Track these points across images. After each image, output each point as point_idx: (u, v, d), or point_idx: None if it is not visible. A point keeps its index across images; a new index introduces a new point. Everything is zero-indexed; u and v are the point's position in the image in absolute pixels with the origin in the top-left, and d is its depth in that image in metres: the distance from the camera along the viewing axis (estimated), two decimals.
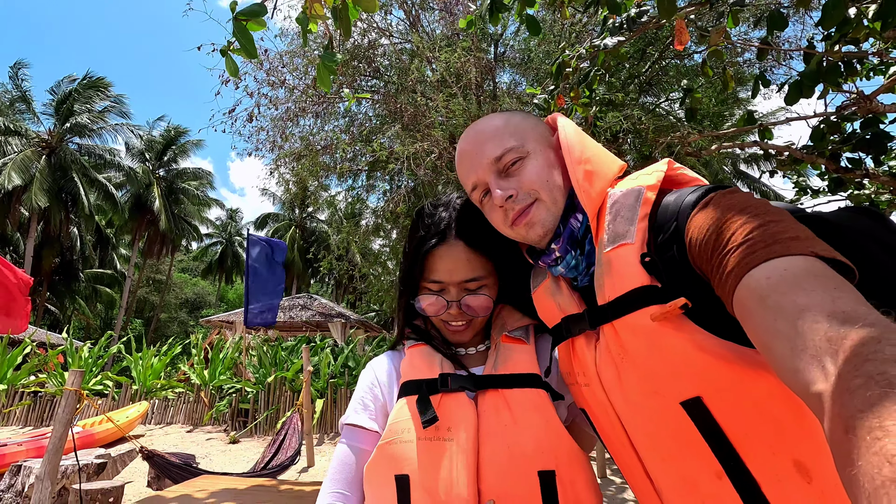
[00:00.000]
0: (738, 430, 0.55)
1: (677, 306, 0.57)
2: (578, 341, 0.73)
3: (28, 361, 9.48)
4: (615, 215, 0.68)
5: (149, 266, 33.54)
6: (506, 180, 0.75)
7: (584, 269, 0.75)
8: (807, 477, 0.52)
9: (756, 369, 0.54)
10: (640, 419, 0.64)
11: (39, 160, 21.80)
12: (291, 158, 9.67)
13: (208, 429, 8.23)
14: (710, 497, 0.58)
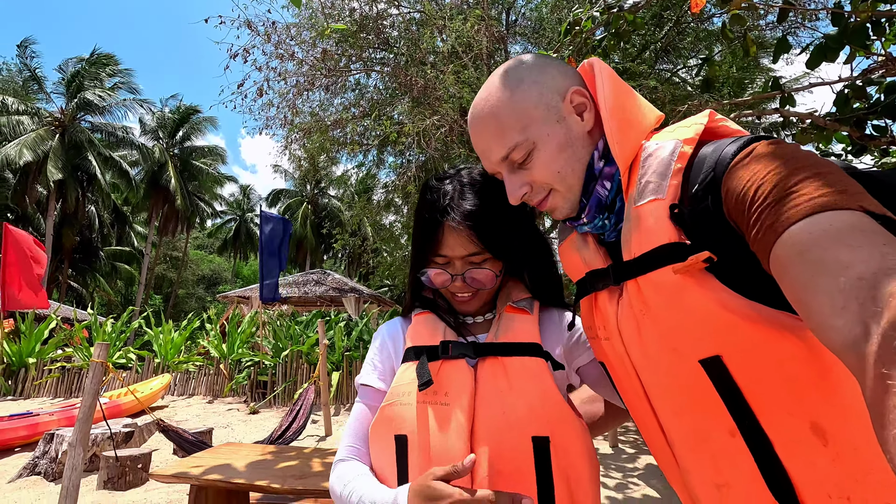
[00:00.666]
0: (756, 390, 0.55)
1: (700, 260, 0.55)
2: (601, 296, 0.73)
3: (54, 336, 9.79)
4: (648, 169, 0.65)
5: (165, 243, 34.07)
6: (518, 174, 0.74)
7: (611, 226, 0.74)
8: (823, 439, 0.51)
9: (780, 330, 0.52)
10: (657, 374, 0.64)
11: (53, 139, 21.99)
12: (302, 134, 9.62)
13: (228, 400, 8.49)
14: (721, 452, 0.58)
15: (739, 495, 0.58)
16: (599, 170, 0.72)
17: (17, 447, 5.22)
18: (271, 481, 1.97)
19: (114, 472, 4.03)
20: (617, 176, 0.72)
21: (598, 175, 0.72)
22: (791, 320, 0.52)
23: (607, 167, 0.72)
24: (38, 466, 4.33)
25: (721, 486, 0.59)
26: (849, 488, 0.50)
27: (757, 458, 0.55)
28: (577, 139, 0.73)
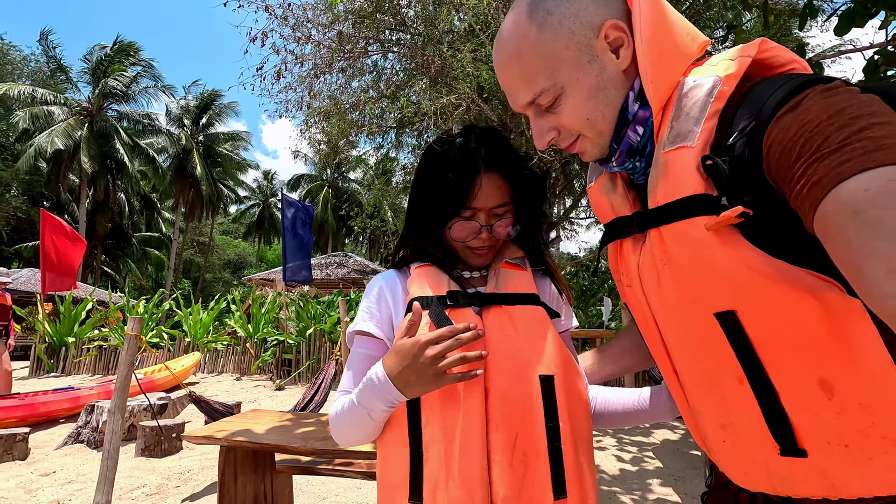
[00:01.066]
0: (768, 345, 0.55)
1: (734, 214, 0.52)
2: (626, 243, 0.72)
3: (91, 317, 10.25)
4: (681, 111, 0.61)
5: (192, 229, 34.94)
6: (545, 118, 0.71)
7: (641, 169, 0.71)
8: (829, 393, 0.52)
9: (799, 290, 0.51)
10: (673, 323, 0.65)
11: (82, 127, 22.62)
12: (320, 118, 9.69)
13: (256, 377, 8.79)
14: (729, 397, 0.60)
15: (742, 435, 0.60)
16: (633, 113, 0.67)
17: (61, 418, 5.55)
18: (291, 442, 2.09)
19: (150, 441, 4.27)
20: (650, 120, 0.67)
21: (631, 119, 0.68)
22: (812, 280, 0.51)
23: (642, 110, 0.67)
24: (81, 435, 4.61)
25: (726, 426, 0.62)
26: (848, 437, 0.52)
27: (762, 404, 0.56)
28: (610, 81, 0.67)
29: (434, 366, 0.72)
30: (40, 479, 3.71)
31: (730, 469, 0.66)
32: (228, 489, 2.35)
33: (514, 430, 0.76)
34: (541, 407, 0.78)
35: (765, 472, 0.60)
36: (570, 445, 0.79)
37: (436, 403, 0.78)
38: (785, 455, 0.56)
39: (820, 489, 0.56)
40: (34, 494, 3.40)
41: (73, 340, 9.49)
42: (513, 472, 0.74)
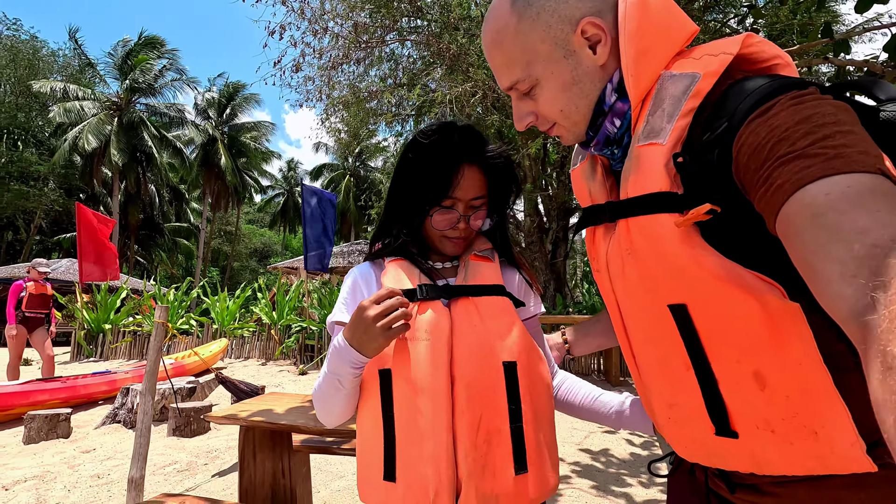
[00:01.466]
0: (712, 338, 0.60)
1: (703, 212, 0.55)
2: (599, 230, 0.76)
3: (125, 305, 10.73)
4: (657, 106, 0.63)
5: (219, 218, 35.85)
6: (525, 102, 0.75)
7: (619, 157, 0.74)
8: (761, 385, 0.58)
9: (745, 292, 0.55)
10: (633, 308, 0.70)
11: (112, 122, 23.34)
12: (340, 108, 9.80)
13: (280, 362, 9.10)
14: (677, 380, 0.66)
15: (685, 414, 0.67)
16: (610, 105, 0.70)
17: (100, 400, 5.90)
18: (307, 423, 2.22)
19: (181, 422, 4.52)
20: (628, 114, 0.69)
21: (607, 111, 0.70)
22: (757, 282, 0.55)
23: (620, 102, 0.69)
24: (118, 416, 4.91)
25: (672, 406, 0.69)
26: (774, 424, 0.58)
27: (703, 390, 0.63)
28: (585, 75, 0.69)
29: (377, 322, 0.79)
30: (82, 456, 3.99)
31: (674, 442, 0.73)
32: (248, 466, 2.52)
33: (479, 413, 0.82)
34: (503, 390, 0.84)
35: (702, 447, 0.67)
36: (531, 425, 0.86)
37: (406, 390, 0.85)
38: (719, 435, 0.63)
39: (748, 465, 0.62)
40: (76, 469, 3.67)
41: (110, 327, 9.97)
42: (476, 451, 0.81)
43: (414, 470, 0.82)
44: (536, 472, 0.85)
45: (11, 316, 6.26)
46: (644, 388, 0.76)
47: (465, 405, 0.82)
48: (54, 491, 3.26)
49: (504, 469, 0.82)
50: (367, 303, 0.81)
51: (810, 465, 0.57)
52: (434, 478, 0.80)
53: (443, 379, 0.83)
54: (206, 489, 3.29)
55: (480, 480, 0.80)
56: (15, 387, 5.17)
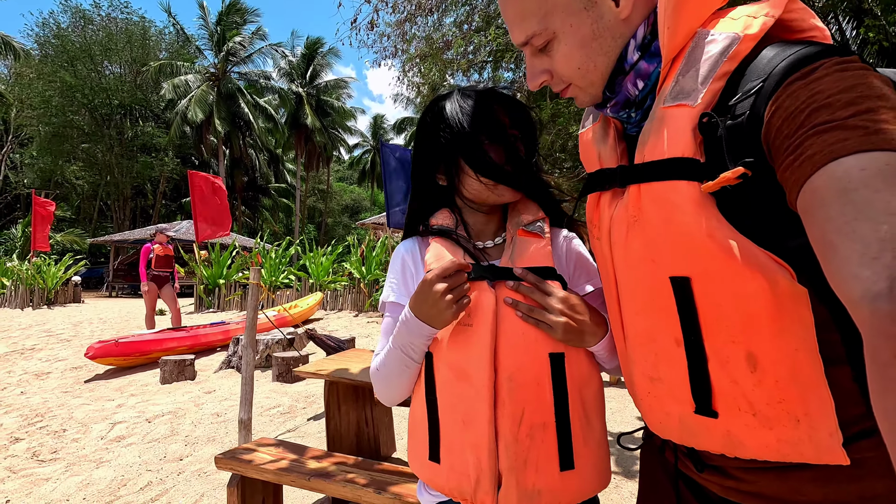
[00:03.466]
0: (711, 314, 0.58)
1: (734, 176, 0.51)
2: (605, 196, 0.72)
3: (235, 261, 11.93)
4: (690, 66, 0.58)
5: (312, 177, 37.98)
6: (539, 59, 0.70)
7: (636, 121, 0.69)
8: (752, 367, 0.56)
9: (753, 270, 0.53)
10: (630, 279, 0.67)
11: (213, 91, 25.20)
12: (417, 62, 9.67)
13: (371, 314, 9.69)
14: (663, 355, 0.64)
15: (665, 390, 0.65)
16: (631, 63, 0.65)
17: (217, 347, 6.73)
18: None
19: (283, 369, 5.04)
20: (654, 74, 0.64)
21: (628, 69, 0.65)
22: (768, 261, 0.53)
23: (644, 62, 0.64)
24: (231, 362, 5.58)
25: (654, 380, 0.67)
26: (758, 407, 0.56)
27: (691, 366, 0.61)
28: (606, 29, 0.64)
29: (445, 296, 0.78)
30: (205, 396, 4.63)
31: (649, 417, 0.71)
32: (333, 416, 2.74)
33: (521, 406, 0.78)
34: (549, 383, 0.80)
35: (677, 425, 0.65)
36: (579, 420, 0.81)
37: (448, 375, 0.83)
38: (698, 413, 0.61)
39: (720, 446, 0.61)
40: (201, 407, 4.27)
41: (224, 282, 11.20)
42: (518, 446, 0.78)
43: (457, 455, 0.82)
44: (583, 469, 0.81)
45: (143, 275, 7.25)
46: (627, 360, 0.73)
47: (507, 397, 0.79)
48: (184, 425, 3.83)
49: (548, 464, 0.79)
50: (434, 276, 0.79)
51: (784, 451, 0.56)
52: (475, 465, 0.79)
53: (485, 368, 0.79)
54: (304, 431, 3.67)
55: (521, 474, 0.78)
56: (151, 335, 6.06)
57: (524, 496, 0.78)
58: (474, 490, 0.80)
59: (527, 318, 0.81)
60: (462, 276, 0.80)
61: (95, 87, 24.69)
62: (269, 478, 1.92)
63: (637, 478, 2.75)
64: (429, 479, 0.87)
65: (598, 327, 0.82)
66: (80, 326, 8.75)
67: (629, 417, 3.91)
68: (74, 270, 12.78)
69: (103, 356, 5.35)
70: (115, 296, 19.29)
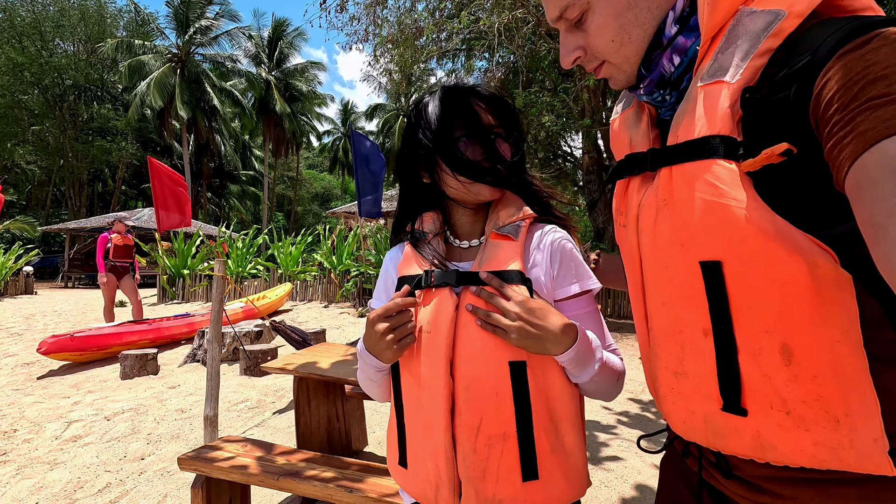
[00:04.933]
0: (744, 301, 0.54)
1: (777, 152, 0.49)
2: (634, 181, 0.69)
3: (200, 251, 11.57)
4: (730, 43, 0.55)
5: (280, 165, 37.08)
6: (573, 35, 0.68)
7: (671, 103, 0.66)
8: (787, 359, 0.52)
9: (791, 252, 0.49)
10: (657, 265, 0.64)
11: (175, 75, 24.14)
12: (388, 47, 9.49)
13: (341, 305, 9.57)
14: (689, 346, 0.60)
15: (691, 385, 0.61)
16: (669, 37, 0.62)
17: (182, 340, 6.52)
18: (351, 377, 2.31)
19: (250, 363, 4.91)
20: (692, 50, 0.61)
21: (665, 43, 0.63)
22: (809, 244, 0.49)
23: (683, 37, 0.62)
24: (197, 356, 5.41)
25: (679, 375, 0.63)
26: (791, 405, 0.52)
27: (719, 359, 0.57)
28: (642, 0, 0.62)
29: (385, 337, 0.79)
30: (168, 391, 4.47)
31: (671, 416, 0.67)
32: (303, 411, 2.68)
33: (478, 416, 0.76)
34: (509, 392, 0.76)
35: (702, 424, 0.61)
36: (544, 429, 0.78)
37: (410, 382, 0.83)
38: (726, 411, 0.57)
39: (748, 449, 0.56)
40: (164, 403, 4.12)
41: (188, 272, 10.84)
42: (475, 456, 0.76)
43: (419, 462, 0.82)
44: (550, 479, 0.78)
45: (101, 265, 6.92)
46: (651, 355, 0.69)
47: (463, 406, 0.77)
48: (146, 422, 3.68)
49: (508, 475, 0.76)
50: (375, 317, 0.80)
51: (821, 456, 0.51)
52: (434, 473, 0.79)
53: (441, 377, 0.78)
54: (272, 425, 3.59)
55: (480, 484, 0.76)
56: (111, 328, 5.80)
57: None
58: (435, 497, 0.80)
59: (484, 324, 0.78)
60: (406, 315, 0.80)
61: (45, 66, 23.29)
62: (236, 478, 1.86)
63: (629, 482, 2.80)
64: (400, 483, 0.88)
65: (563, 336, 0.75)
66: (33, 319, 8.32)
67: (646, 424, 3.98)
68: (26, 260, 12.14)
69: (58, 351, 5.09)
70: (72, 287, 18.44)
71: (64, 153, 24.26)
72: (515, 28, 7.70)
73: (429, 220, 0.94)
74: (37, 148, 24.12)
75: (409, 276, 0.86)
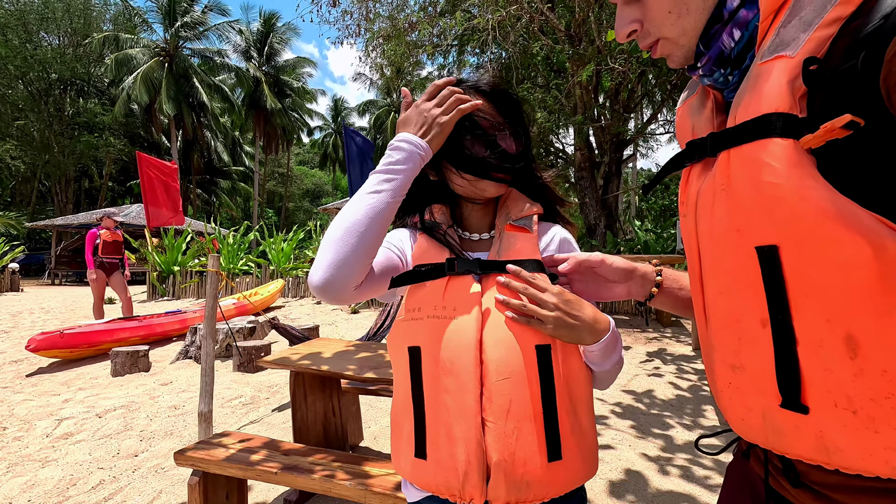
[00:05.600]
0: (803, 288, 0.50)
1: (840, 125, 0.45)
2: (695, 169, 0.66)
3: (190, 248, 11.46)
4: (794, 14, 0.51)
5: (271, 161, 36.80)
6: (630, 7, 0.66)
7: (734, 84, 0.63)
8: (852, 352, 0.47)
9: (853, 233, 0.45)
10: (714, 252, 0.61)
11: (162, 69, 23.81)
12: (380, 42, 9.44)
13: None
14: (747, 338, 0.57)
15: (748, 380, 0.58)
16: (731, 10, 0.59)
17: (173, 337, 6.47)
18: (352, 369, 2.31)
19: (244, 359, 4.89)
20: (753, 24, 0.58)
21: (726, 17, 0.59)
22: (874, 223, 0.45)
23: (745, 9, 0.58)
24: (189, 353, 5.37)
25: (736, 368, 0.59)
26: (858, 403, 0.48)
27: (777, 351, 0.53)
28: None
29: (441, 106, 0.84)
30: (160, 388, 4.43)
31: (729, 413, 0.63)
32: (300, 406, 2.68)
33: (508, 399, 0.78)
34: (536, 376, 0.80)
35: (760, 422, 0.57)
36: (566, 411, 0.81)
37: (434, 370, 0.82)
38: (785, 407, 0.53)
39: (812, 451, 0.52)
40: (157, 400, 4.09)
41: (178, 269, 10.75)
42: (506, 439, 0.78)
43: (444, 449, 0.81)
44: (571, 459, 0.81)
45: (90, 262, 6.84)
46: (709, 347, 0.66)
47: (493, 390, 0.79)
48: (139, 419, 3.66)
49: (535, 456, 0.78)
50: (421, 101, 0.84)
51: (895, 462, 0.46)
52: (464, 459, 0.79)
53: (471, 361, 0.79)
54: (268, 422, 3.58)
55: (510, 467, 0.78)
56: (101, 325, 5.74)
57: (513, 489, 0.77)
58: (462, 484, 0.79)
59: (517, 315, 0.80)
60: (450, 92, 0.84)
61: (30, 59, 22.86)
62: (234, 473, 1.86)
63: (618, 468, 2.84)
64: (413, 477, 0.86)
65: (597, 325, 0.81)
66: (20, 317, 8.20)
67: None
68: (11, 256, 11.95)
69: (47, 348, 5.03)
70: (59, 284, 18.19)
71: (49, 148, 23.84)
72: (509, 25, 7.70)
73: (438, 211, 0.97)
74: (21, 143, 23.67)
75: (431, 265, 0.87)
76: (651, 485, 2.56)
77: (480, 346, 0.80)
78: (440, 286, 0.85)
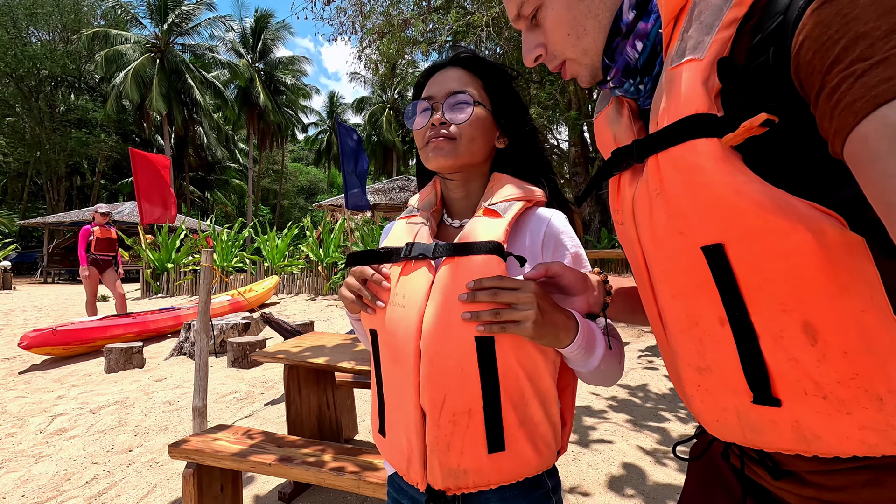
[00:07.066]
0: (753, 282, 0.51)
1: (757, 123, 0.46)
2: (625, 176, 0.67)
3: (184, 245, 11.40)
4: (694, 20, 0.53)
5: (265, 158, 36.60)
6: (533, 34, 0.68)
7: (647, 91, 0.64)
8: (812, 339, 0.48)
9: (793, 222, 0.46)
10: (660, 257, 0.61)
11: (153, 66, 23.59)
12: (374, 38, 9.42)
13: (329, 297, 9.53)
14: (708, 338, 0.57)
15: (717, 380, 0.58)
16: (628, 23, 0.61)
17: (167, 334, 6.44)
18: (346, 362, 2.32)
19: (238, 354, 4.88)
20: (654, 33, 0.60)
21: (624, 30, 0.61)
22: (810, 211, 0.46)
23: (642, 22, 0.60)
24: (183, 349, 5.35)
25: (702, 370, 0.59)
26: (827, 388, 0.48)
27: (740, 348, 0.54)
28: None
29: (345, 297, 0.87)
30: (155, 384, 4.42)
31: (703, 416, 0.63)
32: (294, 399, 2.69)
33: (443, 392, 0.75)
34: (475, 369, 0.75)
35: (736, 421, 0.57)
36: (513, 404, 0.77)
37: (386, 354, 0.83)
38: (758, 403, 0.53)
39: (791, 442, 0.52)
40: (151, 396, 4.08)
41: (172, 266, 10.69)
42: (439, 431, 0.76)
43: (395, 432, 0.83)
44: (517, 450, 0.77)
45: (83, 258, 6.80)
46: (671, 353, 0.66)
47: (426, 382, 0.76)
48: (133, 415, 3.65)
49: (473, 447, 0.76)
50: (348, 278, 0.87)
51: (870, 440, 0.47)
52: (406, 445, 0.81)
53: (410, 352, 0.77)
54: (262, 416, 3.59)
55: (444, 456, 0.77)
56: (94, 322, 5.71)
57: (449, 475, 0.77)
58: (407, 469, 0.81)
59: (490, 327, 0.73)
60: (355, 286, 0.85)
61: (20, 55, 22.60)
62: (228, 465, 1.86)
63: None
64: (382, 451, 0.90)
65: (569, 320, 0.74)
66: (12, 315, 8.15)
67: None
68: (3, 254, 11.85)
69: (40, 345, 5.00)
70: (51, 282, 18.06)
71: (41, 145, 23.61)
72: (504, 21, 7.69)
73: (424, 194, 0.96)
74: (12, 139, 23.43)
75: (390, 248, 0.86)
76: (649, 478, 2.59)
77: (421, 337, 0.77)
78: (395, 272, 0.84)
